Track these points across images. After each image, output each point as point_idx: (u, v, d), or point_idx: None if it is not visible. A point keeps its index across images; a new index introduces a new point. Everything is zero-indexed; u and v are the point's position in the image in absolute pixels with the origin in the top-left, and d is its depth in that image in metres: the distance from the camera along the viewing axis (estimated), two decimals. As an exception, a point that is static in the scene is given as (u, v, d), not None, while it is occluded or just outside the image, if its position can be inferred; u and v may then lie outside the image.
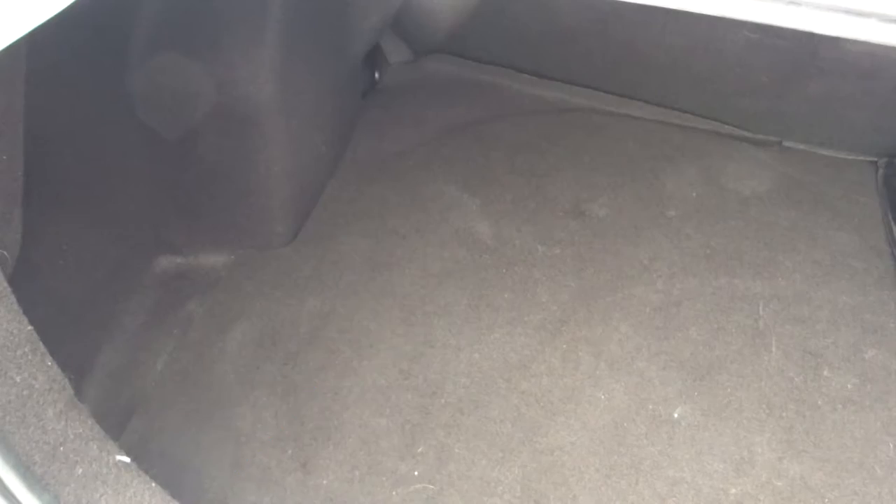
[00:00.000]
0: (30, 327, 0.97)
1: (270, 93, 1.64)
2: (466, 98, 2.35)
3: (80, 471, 0.98)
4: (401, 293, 1.77)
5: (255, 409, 1.55)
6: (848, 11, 0.82)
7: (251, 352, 1.65)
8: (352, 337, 1.68)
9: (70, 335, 1.53)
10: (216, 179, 1.75)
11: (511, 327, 1.69)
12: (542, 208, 1.98)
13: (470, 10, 2.20)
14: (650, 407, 1.56)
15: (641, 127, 2.26)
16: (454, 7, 2.20)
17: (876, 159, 2.17)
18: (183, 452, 1.48)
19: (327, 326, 1.69)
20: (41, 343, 0.99)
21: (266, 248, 1.85)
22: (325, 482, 1.43)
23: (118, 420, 1.52)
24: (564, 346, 1.66)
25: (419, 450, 1.48)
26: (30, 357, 0.96)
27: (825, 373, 1.63)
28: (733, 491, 1.43)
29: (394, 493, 1.42)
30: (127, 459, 1.03)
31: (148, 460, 1.14)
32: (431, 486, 1.43)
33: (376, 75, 2.37)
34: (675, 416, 1.55)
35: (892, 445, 1.50)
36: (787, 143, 2.24)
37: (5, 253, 1.09)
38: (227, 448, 1.49)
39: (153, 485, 1.03)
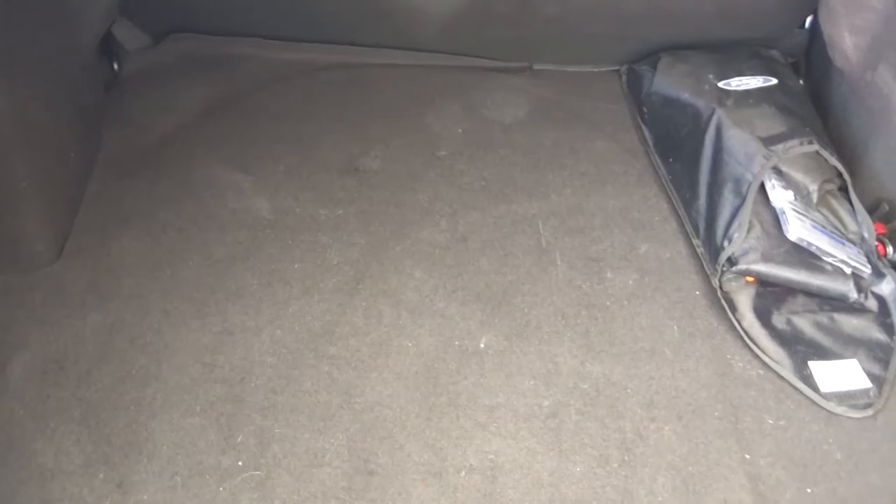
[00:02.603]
0: None
1: (-4, 103, 1.51)
2: (218, 74, 2.26)
3: None
4: (188, 287, 1.69)
5: (55, 441, 1.44)
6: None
7: (37, 382, 1.52)
8: (145, 342, 1.59)
9: None
10: (-45, 208, 1.59)
11: (308, 297, 1.68)
12: (317, 172, 1.96)
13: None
14: (456, 343, 1.60)
15: (399, 74, 2.28)
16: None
17: (618, 67, 2.31)
18: (-19, 506, 1.37)
19: (116, 338, 1.60)
20: None
21: (30, 270, 1.71)
22: (145, 497, 1.36)
23: None
24: (364, 303, 1.67)
25: (238, 439, 1.44)
26: None
27: (608, 275, 1.74)
28: (546, 403, 1.50)
29: (220, 488, 1.37)
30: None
31: (-59, 527, 1.04)
32: (258, 472, 1.40)
33: (115, 66, 2.22)
34: (482, 346, 1.60)
35: (675, 328, 1.63)
36: (537, 66, 2.33)
37: None
38: (31, 489, 1.37)
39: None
